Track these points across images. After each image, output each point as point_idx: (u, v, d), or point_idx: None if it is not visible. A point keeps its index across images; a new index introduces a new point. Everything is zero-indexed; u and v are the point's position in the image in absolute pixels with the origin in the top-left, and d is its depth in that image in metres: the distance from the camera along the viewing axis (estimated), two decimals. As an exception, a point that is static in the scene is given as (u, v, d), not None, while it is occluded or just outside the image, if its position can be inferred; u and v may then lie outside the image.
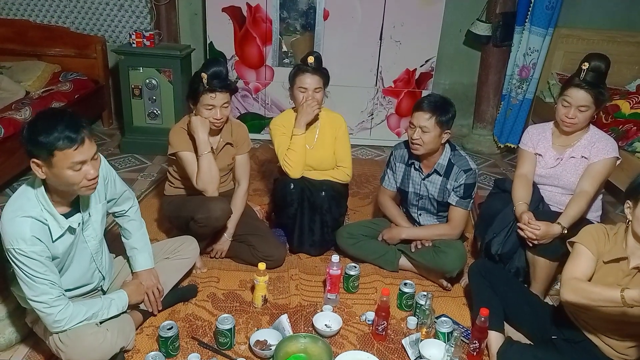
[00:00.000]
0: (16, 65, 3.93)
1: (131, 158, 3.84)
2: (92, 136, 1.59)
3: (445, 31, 4.01)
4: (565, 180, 2.27)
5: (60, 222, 1.66)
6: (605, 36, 4.10)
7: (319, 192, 2.55)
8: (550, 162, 2.31)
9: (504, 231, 2.23)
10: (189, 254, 2.27)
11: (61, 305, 1.67)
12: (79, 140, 1.52)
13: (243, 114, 4.19)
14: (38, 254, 1.59)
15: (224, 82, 2.30)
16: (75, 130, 1.52)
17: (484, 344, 1.94)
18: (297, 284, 2.39)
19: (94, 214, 1.81)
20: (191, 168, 2.36)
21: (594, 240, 1.72)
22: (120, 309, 1.87)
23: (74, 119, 1.55)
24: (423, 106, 2.25)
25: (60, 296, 1.67)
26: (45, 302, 1.64)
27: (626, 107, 3.52)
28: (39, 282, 1.61)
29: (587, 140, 2.25)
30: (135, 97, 3.79)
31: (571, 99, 2.16)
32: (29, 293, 1.63)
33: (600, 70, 2.15)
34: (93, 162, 1.60)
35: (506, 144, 4.24)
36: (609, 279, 1.69)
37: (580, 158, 2.24)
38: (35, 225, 1.60)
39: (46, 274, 1.62)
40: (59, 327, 1.68)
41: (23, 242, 1.57)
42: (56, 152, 1.51)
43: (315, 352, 1.88)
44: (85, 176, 1.58)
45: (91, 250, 1.84)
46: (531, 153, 2.36)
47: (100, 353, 1.72)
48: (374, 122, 4.25)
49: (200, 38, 4.29)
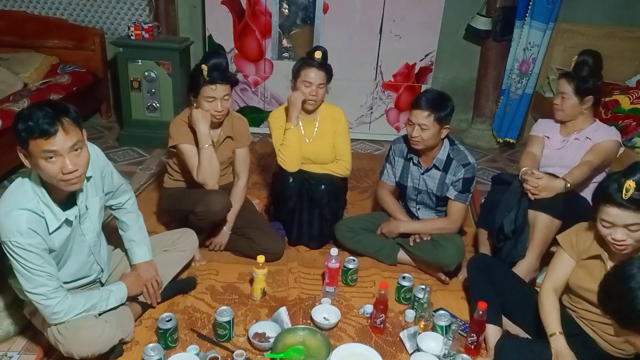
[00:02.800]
0: (14, 57, 3.92)
1: (130, 151, 3.83)
2: (75, 129, 1.56)
3: (445, 25, 4.00)
4: (569, 159, 2.41)
5: (56, 214, 1.66)
6: (604, 31, 4.09)
7: (318, 185, 2.55)
8: (556, 144, 2.49)
9: (513, 210, 2.26)
10: (187, 246, 2.27)
11: (59, 297, 1.66)
12: (52, 131, 1.49)
13: (242, 107, 4.18)
14: (35, 247, 1.58)
15: (225, 74, 2.30)
16: (49, 120, 1.49)
17: (482, 337, 1.95)
18: (295, 277, 2.40)
19: (91, 206, 1.81)
20: (191, 161, 2.36)
21: (571, 245, 1.82)
22: (119, 301, 1.87)
23: (54, 110, 1.53)
24: (421, 104, 2.25)
25: (58, 288, 1.66)
26: (43, 294, 1.64)
27: (626, 103, 3.52)
28: (36, 275, 1.61)
29: (593, 127, 2.44)
30: (134, 90, 3.78)
31: (558, 87, 2.45)
32: (27, 285, 1.63)
33: (586, 63, 2.38)
34: (71, 156, 1.55)
35: (505, 138, 4.24)
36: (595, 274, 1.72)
37: (585, 139, 2.41)
38: (32, 217, 1.59)
39: (43, 266, 1.61)
40: (57, 318, 1.68)
41: (19, 234, 1.56)
42: (30, 141, 1.50)
43: (314, 345, 1.89)
44: (62, 169, 1.54)
45: (89, 243, 1.83)
46: (541, 137, 2.55)
47: (99, 345, 1.72)
48: (373, 116, 4.25)
49: (200, 31, 4.27)
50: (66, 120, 1.53)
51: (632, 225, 1.58)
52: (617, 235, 1.61)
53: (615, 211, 1.59)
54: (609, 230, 1.63)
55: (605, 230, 1.64)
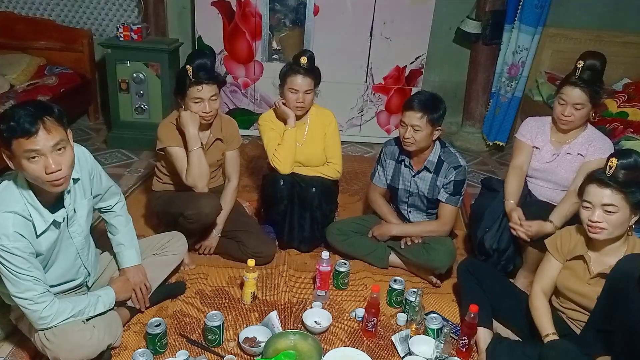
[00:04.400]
0: (1, 58, 3.87)
1: (118, 153, 3.79)
2: (58, 128, 1.54)
3: (435, 28, 4.02)
4: (559, 176, 2.30)
5: (44, 216, 1.63)
6: (592, 36, 4.14)
7: (309, 188, 2.53)
8: (546, 156, 2.33)
9: (495, 225, 2.26)
10: (177, 250, 2.24)
11: (46, 302, 1.64)
12: (34, 130, 1.48)
13: (232, 109, 4.16)
14: (21, 250, 1.56)
15: (211, 74, 2.27)
16: (30, 119, 1.48)
17: (473, 340, 1.95)
18: (286, 281, 2.38)
19: (80, 209, 1.78)
20: (181, 163, 2.33)
21: (556, 249, 1.86)
22: (107, 306, 1.84)
23: (36, 109, 1.52)
24: (414, 105, 2.25)
25: (45, 292, 1.64)
26: (29, 299, 1.61)
27: (613, 106, 3.56)
28: (22, 279, 1.58)
29: (585, 138, 2.28)
30: (123, 92, 3.74)
31: (567, 96, 2.18)
32: (13, 290, 1.60)
33: (595, 68, 2.18)
34: (54, 155, 1.53)
35: (495, 141, 4.26)
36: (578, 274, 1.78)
37: (577, 155, 2.27)
38: (18, 220, 1.57)
39: (30, 270, 1.59)
40: (44, 324, 1.65)
41: (5, 238, 1.53)
42: (12, 140, 1.49)
43: (305, 349, 1.87)
44: (45, 169, 1.52)
45: (77, 246, 1.81)
46: (528, 145, 2.37)
47: (87, 350, 1.70)
48: (363, 118, 4.25)
49: (189, 32, 4.24)
50: (48, 120, 1.52)
51: (609, 205, 1.64)
52: (594, 216, 1.65)
53: (594, 189, 1.66)
54: (588, 212, 1.69)
55: (585, 213, 1.70)
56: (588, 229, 1.69)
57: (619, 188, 1.62)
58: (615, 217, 1.64)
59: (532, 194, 2.39)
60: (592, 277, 1.74)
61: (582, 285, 1.76)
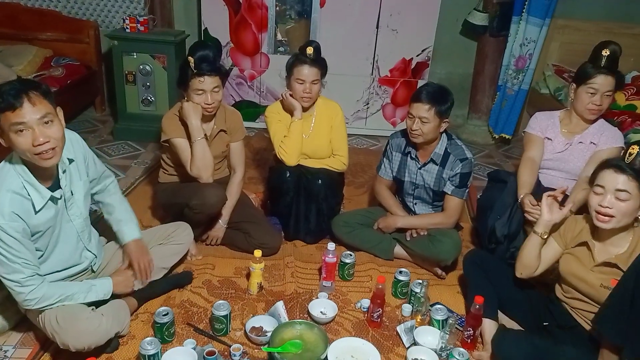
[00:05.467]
0: (7, 49, 3.88)
1: (125, 145, 3.81)
2: (44, 101, 1.56)
3: (442, 20, 4.00)
4: (572, 164, 2.32)
5: (41, 192, 1.65)
6: (601, 28, 4.09)
7: (315, 180, 2.54)
8: (558, 147, 2.35)
9: (506, 214, 2.26)
10: (183, 239, 2.26)
11: (33, 285, 1.66)
12: (18, 103, 1.50)
13: (238, 101, 4.16)
14: (15, 230, 1.57)
15: (213, 66, 2.27)
16: (14, 93, 1.51)
17: (478, 331, 1.96)
18: (292, 272, 2.39)
19: (77, 192, 1.81)
20: (185, 155, 2.34)
21: (559, 234, 1.87)
22: (102, 296, 1.84)
23: (22, 84, 1.55)
24: (422, 97, 2.24)
25: (32, 276, 1.65)
26: (16, 281, 1.63)
27: (621, 99, 3.54)
28: (11, 261, 1.60)
29: (596, 128, 2.32)
30: (129, 83, 3.75)
31: (599, 85, 2.21)
32: (1, 270, 1.62)
33: (617, 55, 2.23)
34: (41, 128, 1.55)
35: (501, 134, 4.24)
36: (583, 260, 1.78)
37: (589, 144, 2.30)
38: (16, 200, 1.59)
39: (21, 252, 1.60)
40: (28, 305, 1.69)
41: (1, 217, 1.55)
42: (0, 115, 1.52)
43: (311, 339, 1.88)
44: (33, 142, 1.54)
45: (77, 228, 1.83)
46: (540, 137, 2.38)
47: (95, 337, 1.72)
48: (369, 111, 4.24)
49: (195, 24, 4.24)
50: (33, 93, 1.54)
51: (622, 191, 1.63)
52: (604, 201, 1.65)
53: (610, 174, 1.66)
54: (599, 197, 1.67)
55: (596, 198, 1.68)
56: (597, 216, 1.68)
57: (635, 176, 1.62)
58: (625, 205, 1.63)
59: (542, 185, 2.38)
60: (596, 264, 1.74)
61: (587, 272, 1.76)
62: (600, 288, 1.72)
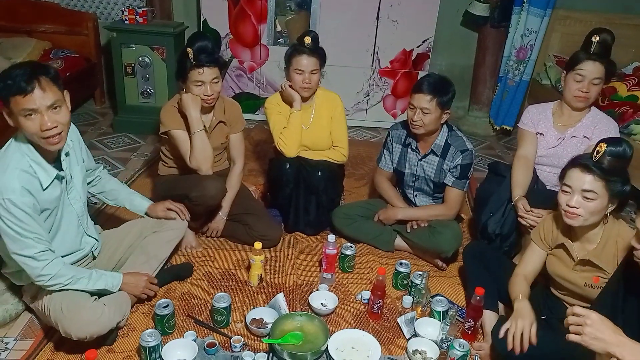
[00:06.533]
0: (6, 41, 3.86)
1: (124, 137, 3.80)
2: (53, 88, 1.60)
3: (443, 11, 3.97)
4: (566, 159, 2.22)
5: (48, 170, 1.70)
6: (602, 19, 4.06)
7: (315, 172, 2.53)
8: (551, 141, 2.31)
9: (500, 211, 2.25)
10: (176, 225, 2.21)
11: (47, 260, 1.68)
12: (29, 89, 1.54)
13: (237, 93, 4.14)
14: (27, 205, 1.61)
15: (212, 57, 2.25)
16: (26, 79, 1.54)
17: (479, 322, 1.96)
18: (293, 264, 2.39)
19: (75, 176, 1.86)
20: (184, 147, 2.33)
21: (539, 238, 1.87)
22: (109, 287, 1.85)
23: (32, 69, 1.58)
24: (423, 88, 2.23)
25: (46, 251, 1.68)
26: (30, 256, 1.65)
27: (623, 90, 3.52)
28: (24, 236, 1.62)
29: (589, 120, 2.26)
30: (128, 76, 3.73)
31: (586, 71, 2.17)
32: (13, 247, 1.64)
33: (608, 42, 2.17)
34: (50, 114, 1.59)
35: (502, 126, 4.23)
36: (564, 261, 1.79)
37: (582, 138, 2.25)
38: (24, 176, 1.63)
39: (32, 227, 1.63)
40: (42, 281, 1.71)
41: (12, 192, 1.58)
42: (10, 98, 1.56)
43: (312, 331, 1.89)
44: (41, 126, 1.58)
45: (77, 212, 1.87)
46: (532, 133, 2.35)
47: (97, 327, 1.73)
48: (369, 103, 4.22)
49: (194, 15, 4.21)
50: (44, 79, 1.57)
51: (588, 192, 1.62)
52: (572, 201, 1.64)
53: (576, 173, 1.64)
54: (567, 197, 1.67)
55: (564, 197, 1.68)
56: (565, 214, 1.68)
57: (602, 175, 1.59)
58: (593, 204, 1.62)
59: (540, 181, 2.36)
60: (575, 264, 1.75)
61: (569, 272, 1.78)
62: (585, 287, 1.73)
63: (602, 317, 1.31)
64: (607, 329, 1.28)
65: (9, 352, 1.82)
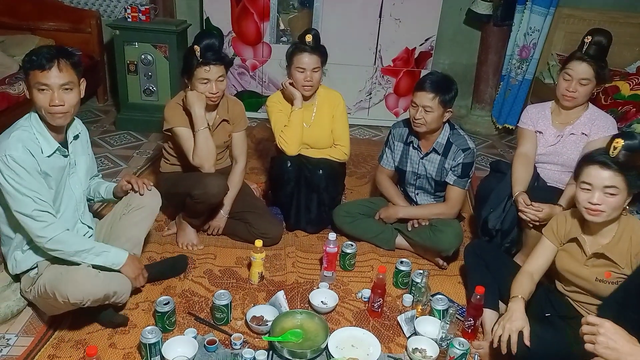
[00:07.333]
0: (9, 39, 3.87)
1: (127, 135, 3.81)
2: (70, 70, 1.74)
3: (446, 10, 3.96)
4: (566, 157, 2.28)
5: (50, 141, 1.80)
6: (606, 17, 4.05)
7: (316, 170, 2.53)
8: (550, 139, 2.31)
9: (500, 206, 2.25)
10: (143, 202, 2.08)
11: (45, 223, 1.74)
12: (48, 66, 1.69)
13: (240, 91, 4.15)
14: (27, 163, 1.70)
15: (218, 55, 2.26)
16: (48, 58, 1.70)
17: (479, 321, 1.96)
18: (293, 262, 2.40)
19: (79, 163, 1.96)
20: (187, 144, 2.34)
21: (552, 232, 1.86)
22: (108, 264, 1.87)
23: (57, 51, 1.74)
24: (426, 86, 2.23)
25: (44, 212, 1.74)
26: (28, 215, 1.72)
27: (626, 89, 3.50)
28: (21, 193, 1.69)
29: (587, 117, 2.27)
30: (131, 73, 3.74)
31: (573, 71, 2.17)
32: (13, 204, 1.72)
33: (602, 44, 2.17)
34: (60, 92, 1.73)
35: (504, 125, 4.22)
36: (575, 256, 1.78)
37: (581, 135, 2.26)
38: (27, 140, 1.74)
39: (32, 185, 1.71)
40: (41, 242, 1.77)
41: (14, 149, 1.69)
42: (30, 71, 1.72)
43: (312, 328, 1.89)
44: (50, 102, 1.72)
45: (76, 198, 1.96)
46: (531, 131, 2.35)
47: (93, 286, 1.73)
48: (372, 101, 4.22)
49: (197, 13, 4.22)
50: (63, 61, 1.72)
51: (609, 187, 1.62)
52: (593, 198, 1.63)
53: (595, 171, 1.64)
54: (588, 194, 1.65)
55: (583, 195, 1.67)
56: (587, 212, 1.67)
57: (620, 170, 1.60)
58: (614, 199, 1.62)
59: (541, 178, 2.36)
60: (588, 258, 1.75)
61: (580, 267, 1.77)
62: (596, 282, 1.73)
63: (615, 326, 1.28)
64: (621, 338, 1.26)
65: (10, 348, 1.83)
